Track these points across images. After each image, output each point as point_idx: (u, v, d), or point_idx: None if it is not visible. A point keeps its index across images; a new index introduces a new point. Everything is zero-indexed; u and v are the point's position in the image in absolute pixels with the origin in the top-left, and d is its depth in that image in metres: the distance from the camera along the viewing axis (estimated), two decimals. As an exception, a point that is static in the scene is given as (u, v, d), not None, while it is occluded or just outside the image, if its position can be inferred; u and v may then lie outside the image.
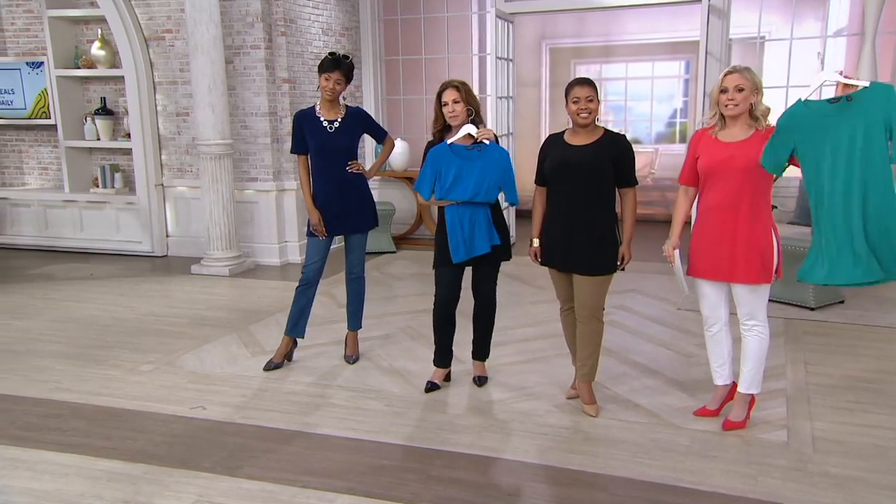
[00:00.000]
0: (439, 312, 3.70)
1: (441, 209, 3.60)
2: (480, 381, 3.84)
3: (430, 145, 3.66)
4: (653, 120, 11.29)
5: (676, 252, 3.31)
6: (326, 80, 3.89)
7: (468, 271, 3.68)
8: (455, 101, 3.50)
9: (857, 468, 2.94)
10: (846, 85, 2.79)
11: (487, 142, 3.51)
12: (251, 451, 3.17)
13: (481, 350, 3.87)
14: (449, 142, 3.50)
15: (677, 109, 11.28)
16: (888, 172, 2.75)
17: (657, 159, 10.55)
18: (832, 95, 2.84)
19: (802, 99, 2.88)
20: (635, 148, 3.50)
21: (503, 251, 3.64)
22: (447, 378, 3.86)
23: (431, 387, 3.74)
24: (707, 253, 3.19)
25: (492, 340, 3.86)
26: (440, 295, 3.68)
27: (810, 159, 2.85)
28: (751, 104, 3.04)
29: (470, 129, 3.48)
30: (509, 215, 7.46)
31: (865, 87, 2.75)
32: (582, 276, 3.35)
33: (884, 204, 2.75)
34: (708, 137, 3.16)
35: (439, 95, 3.56)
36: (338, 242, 4.31)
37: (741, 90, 3.00)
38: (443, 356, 3.79)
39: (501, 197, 3.59)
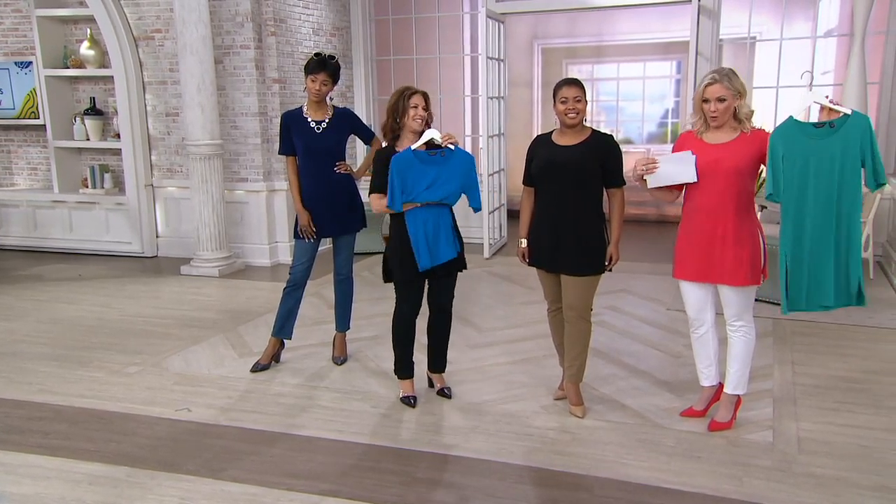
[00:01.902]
0: (405, 324, 3.57)
1: (399, 219, 3.44)
2: (447, 392, 3.72)
3: (384, 152, 3.47)
4: (644, 120, 11.31)
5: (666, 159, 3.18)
6: (313, 81, 3.87)
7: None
8: (423, 108, 3.43)
9: (841, 468, 2.94)
10: (830, 110, 2.91)
11: (452, 147, 3.42)
12: (236, 454, 3.15)
13: (438, 361, 3.75)
14: (413, 147, 3.37)
15: (669, 109, 11.30)
16: (859, 200, 2.92)
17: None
18: (817, 119, 2.96)
19: (794, 117, 2.95)
20: (627, 148, 3.49)
21: (460, 261, 3.55)
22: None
23: (414, 401, 3.61)
24: (694, 255, 3.18)
25: (469, 347, 3.83)
26: (406, 307, 3.54)
27: (794, 181, 2.92)
28: (734, 107, 3.03)
29: (433, 133, 3.38)
30: (500, 215, 7.46)
31: (847, 115, 2.88)
32: (569, 277, 3.34)
33: (853, 230, 2.93)
34: (694, 139, 3.15)
35: (405, 97, 3.42)
36: (326, 243, 4.29)
37: (723, 100, 3.01)
38: (409, 366, 3.65)
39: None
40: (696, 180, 3.08)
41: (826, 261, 2.95)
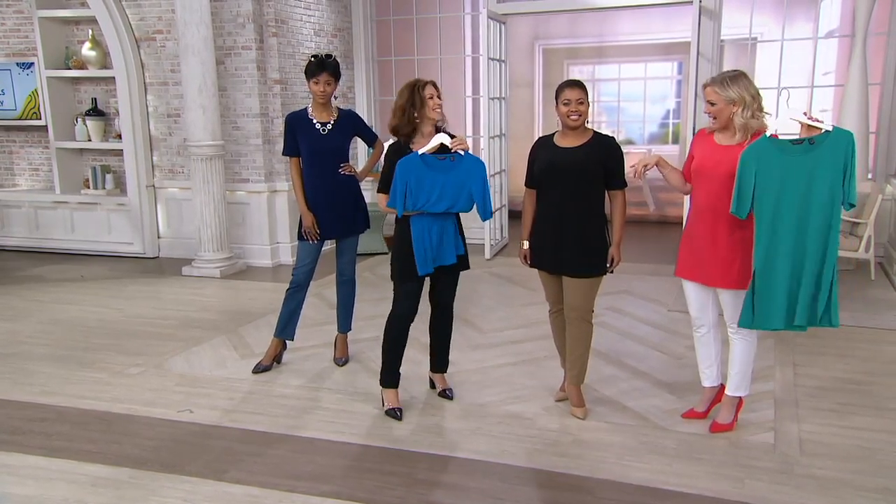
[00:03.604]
0: (399, 327, 3.49)
1: (403, 222, 3.39)
2: (449, 393, 3.72)
3: (397, 149, 3.40)
4: (646, 121, 11.32)
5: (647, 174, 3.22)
6: (316, 83, 3.86)
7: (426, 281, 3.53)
8: (438, 97, 3.36)
9: (843, 470, 2.94)
10: (810, 127, 2.86)
11: (462, 152, 3.34)
12: (237, 455, 3.16)
13: (441, 361, 3.74)
14: (420, 152, 3.29)
15: (670, 110, 11.31)
16: (838, 217, 2.88)
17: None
18: (796, 136, 2.90)
19: (768, 135, 2.91)
20: (628, 149, 3.48)
21: (463, 261, 3.51)
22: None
23: (400, 413, 3.50)
24: (692, 255, 3.20)
25: (467, 350, 3.82)
26: (402, 309, 3.47)
27: (769, 197, 2.89)
28: (731, 114, 3.01)
29: (443, 138, 3.30)
30: (501, 216, 7.46)
31: (828, 132, 2.83)
32: (571, 278, 3.34)
33: (833, 250, 2.89)
34: (707, 137, 3.17)
35: (419, 89, 3.32)
36: (329, 244, 4.30)
37: (713, 104, 3.02)
38: (395, 375, 3.56)
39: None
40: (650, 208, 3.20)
41: (806, 280, 2.91)
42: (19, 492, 2.88)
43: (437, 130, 3.39)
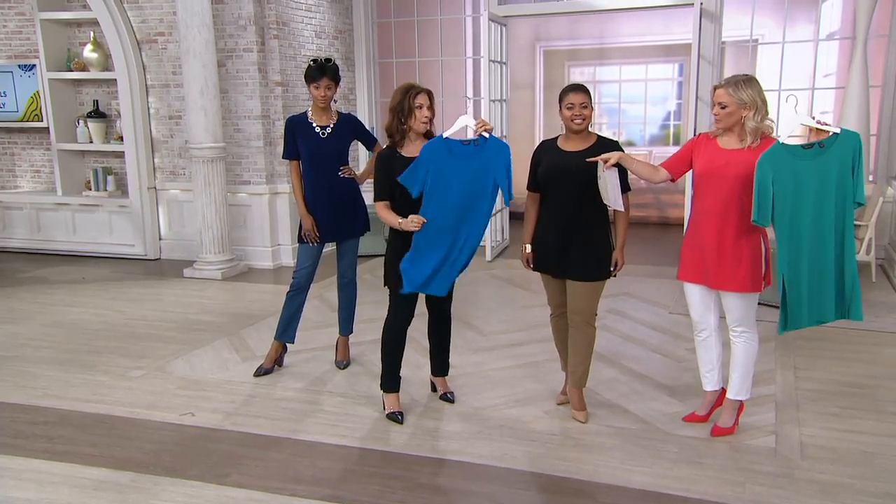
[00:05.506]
0: (396, 332, 3.47)
1: (399, 225, 3.28)
2: (450, 397, 3.72)
3: (387, 156, 3.35)
4: (646, 122, 11.32)
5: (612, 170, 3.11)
6: (316, 88, 3.86)
7: None
8: (429, 107, 3.30)
9: (845, 475, 2.94)
10: (819, 130, 2.91)
11: (487, 135, 3.20)
12: (239, 459, 3.16)
13: (441, 365, 3.74)
14: (445, 135, 3.14)
15: (671, 112, 11.31)
16: (851, 216, 2.95)
17: (651, 162, 10.58)
18: (807, 140, 2.96)
19: (781, 141, 2.94)
20: (629, 150, 3.45)
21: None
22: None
23: (402, 417, 3.49)
24: (696, 258, 3.20)
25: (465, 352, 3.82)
26: (397, 316, 3.45)
27: (786, 203, 2.92)
28: (742, 118, 3.02)
29: (467, 120, 3.16)
30: (502, 218, 7.46)
31: (836, 134, 2.89)
32: (576, 282, 3.34)
33: (850, 246, 2.96)
34: (709, 142, 3.17)
35: (410, 97, 3.25)
36: (330, 247, 4.30)
37: (724, 107, 3.02)
38: (395, 379, 3.54)
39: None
40: (611, 206, 3.19)
41: (826, 277, 2.97)
42: (21, 495, 2.89)
43: (427, 138, 3.35)
